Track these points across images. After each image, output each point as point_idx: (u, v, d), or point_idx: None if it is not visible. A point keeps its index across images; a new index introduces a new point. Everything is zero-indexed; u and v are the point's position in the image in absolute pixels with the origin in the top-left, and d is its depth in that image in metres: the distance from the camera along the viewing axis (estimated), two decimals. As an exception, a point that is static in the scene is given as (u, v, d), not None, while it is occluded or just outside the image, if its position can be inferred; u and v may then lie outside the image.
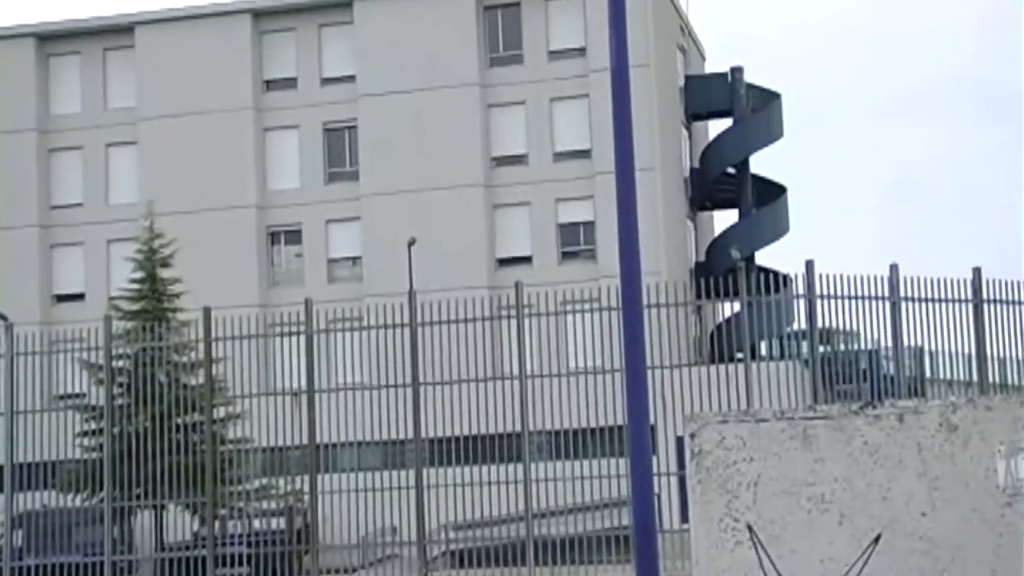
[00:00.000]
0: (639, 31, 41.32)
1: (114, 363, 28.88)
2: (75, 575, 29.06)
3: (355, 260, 46.10)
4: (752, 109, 48.12)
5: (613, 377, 23.07)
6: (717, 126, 50.82)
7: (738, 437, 8.10)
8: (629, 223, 9.73)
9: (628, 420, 9.86)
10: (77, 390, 34.66)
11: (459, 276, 42.20)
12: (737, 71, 48.52)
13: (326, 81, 47.04)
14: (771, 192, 47.97)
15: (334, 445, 28.28)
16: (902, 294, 22.37)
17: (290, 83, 47.26)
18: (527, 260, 44.90)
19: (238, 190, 46.32)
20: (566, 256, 45.30)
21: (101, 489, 27.68)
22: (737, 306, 25.25)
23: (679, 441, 12.78)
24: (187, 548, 29.00)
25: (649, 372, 10.62)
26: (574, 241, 45.48)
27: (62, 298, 47.38)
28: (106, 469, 26.86)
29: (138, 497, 27.85)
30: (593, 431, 24.65)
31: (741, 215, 48.67)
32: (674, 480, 23.86)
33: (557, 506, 25.87)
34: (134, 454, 27.42)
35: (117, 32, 48.22)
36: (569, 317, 27.63)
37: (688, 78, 49.86)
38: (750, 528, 7.97)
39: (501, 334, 40.19)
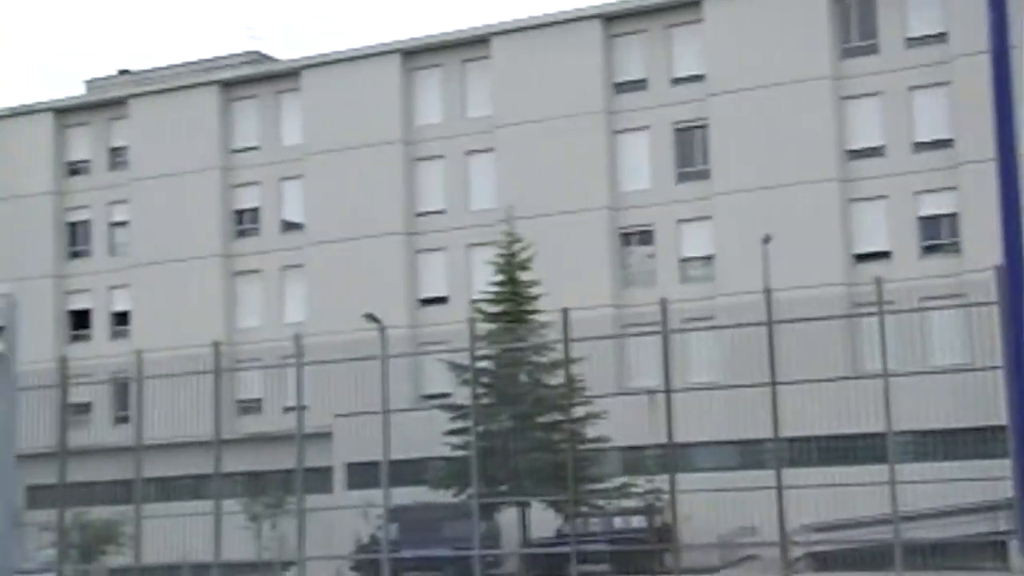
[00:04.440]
0: (1012, 9, 39.28)
1: (478, 364, 29.88)
2: (445, 568, 30.30)
3: (707, 259, 45.91)
4: None
5: (989, 375, 21.93)
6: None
7: None
8: (1011, 214, 9.26)
9: (1010, 419, 9.41)
10: (443, 390, 36.13)
11: (814, 273, 41.34)
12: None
13: (676, 81, 47.10)
14: None
15: (691, 444, 28.27)
16: None
17: (640, 85, 47.59)
18: (885, 255, 43.51)
19: (590, 192, 47.00)
20: (927, 250, 43.61)
21: (468, 486, 28.67)
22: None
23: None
24: (550, 544, 29.67)
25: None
26: (935, 235, 43.75)
27: (426, 302, 49.41)
28: (473, 466, 27.81)
29: (503, 494, 28.72)
30: (963, 431, 23.63)
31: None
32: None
33: (926, 509, 24.94)
34: (498, 452, 28.28)
35: (474, 44, 49.91)
36: (934, 314, 26.58)
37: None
38: None
39: (860, 332, 39.19)
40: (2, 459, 11.16)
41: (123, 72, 58.51)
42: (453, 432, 31.32)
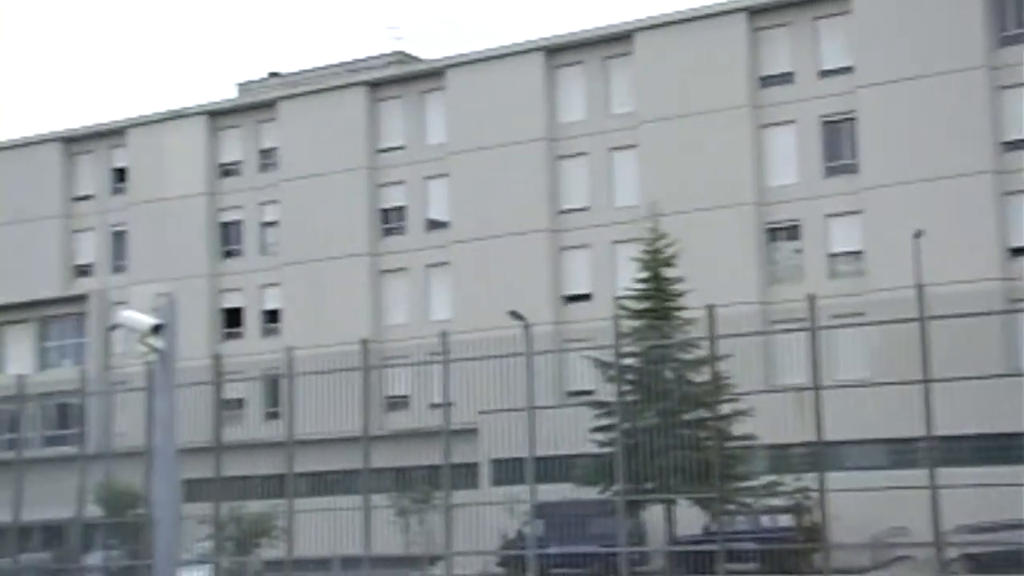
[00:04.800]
0: None
1: (623, 361, 29.82)
2: (591, 565, 30.30)
3: (857, 254, 45.09)
4: None
5: None
6: None
7: None
8: None
9: None
10: (587, 387, 36.13)
11: (967, 268, 40.30)
12: None
13: (824, 74, 46.34)
14: None
15: (840, 442, 27.85)
16: None
17: (786, 78, 46.93)
18: (1042, 249, 42.25)
19: (735, 188, 46.54)
20: (1089, 244, 42.21)
21: (614, 483, 28.63)
22: None
23: None
24: (696, 542, 29.49)
25: None
26: (1099, 228, 42.35)
27: (570, 299, 49.47)
28: (618, 464, 27.74)
29: (648, 491, 28.62)
30: None
31: None
32: None
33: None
34: (644, 449, 28.18)
35: (617, 40, 49.79)
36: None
37: None
38: None
39: (1016, 328, 38.15)
40: (165, 451, 11.52)
41: (273, 74, 59.75)
42: (598, 429, 31.30)
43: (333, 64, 57.54)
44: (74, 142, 60.02)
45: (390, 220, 53.49)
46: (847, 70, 45.65)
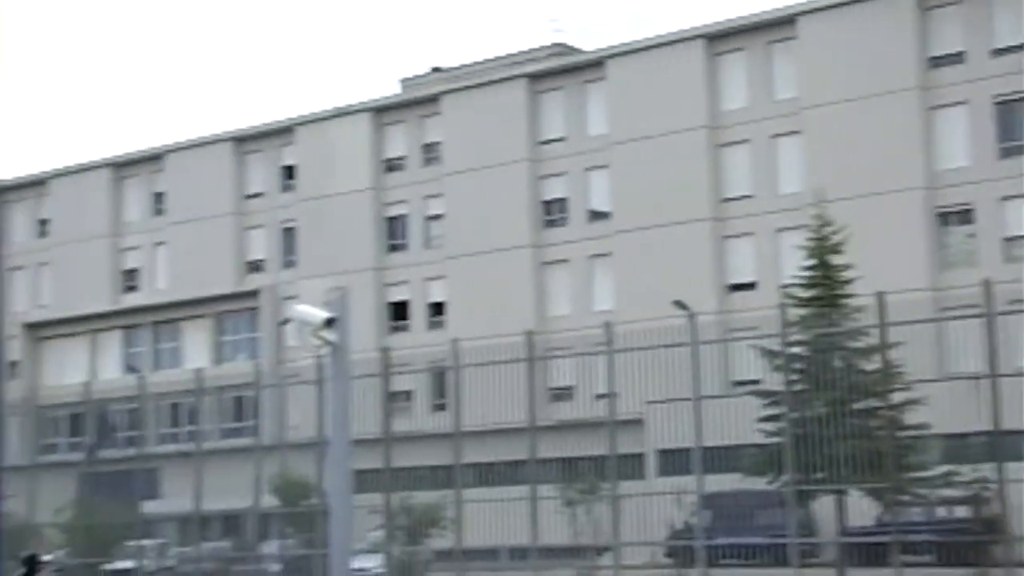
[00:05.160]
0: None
1: (790, 350, 29.40)
2: (760, 556, 29.99)
3: (1033, 238, 43.67)
4: None
5: None
6: None
7: None
8: None
9: None
10: (753, 377, 35.72)
11: None
12: None
13: (996, 52, 44.94)
14: None
15: (1019, 432, 26.99)
16: None
17: (957, 58, 45.67)
18: None
19: (904, 172, 45.48)
20: None
21: (782, 473, 28.27)
22: None
23: None
24: (869, 534, 28.94)
25: None
26: None
27: (735, 287, 48.99)
28: (787, 454, 27.39)
29: (819, 481, 28.19)
30: None
31: None
32: None
33: None
34: (813, 439, 27.76)
35: (779, 25, 49.07)
36: None
37: None
38: None
39: None
40: (339, 442, 11.78)
41: (435, 70, 60.42)
42: (766, 419, 30.92)
43: (494, 58, 57.94)
44: (245, 141, 61.60)
45: (552, 212, 53.64)
46: (1021, 48, 44.19)
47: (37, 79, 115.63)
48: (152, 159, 64.00)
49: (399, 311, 56.64)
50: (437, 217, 56.24)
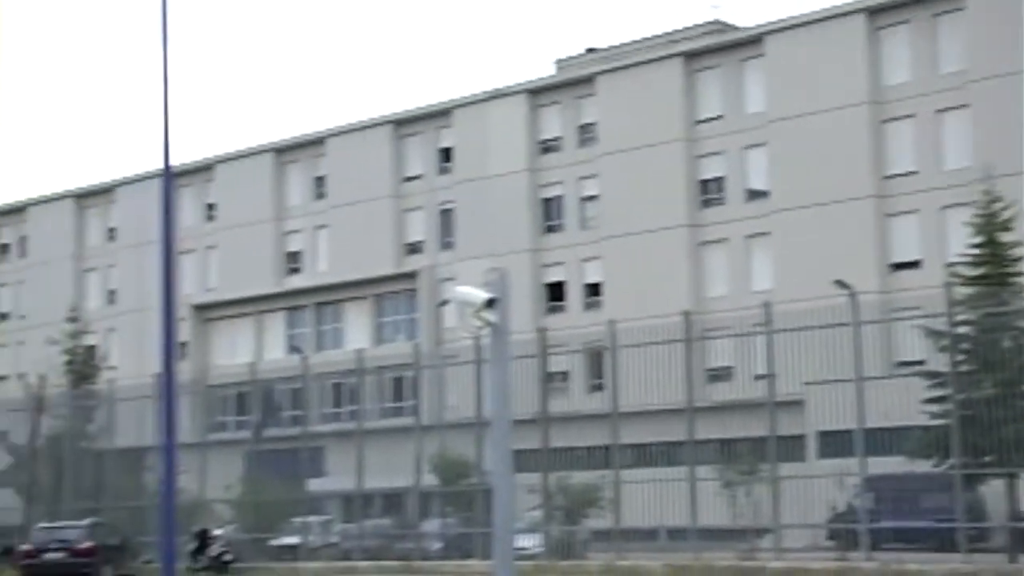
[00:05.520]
0: None
1: (956, 330, 28.66)
2: (926, 540, 29.32)
3: None
4: None
5: None
6: None
7: None
8: None
9: None
10: (917, 357, 34.92)
11: None
12: None
13: None
14: None
15: None
16: None
17: None
18: None
19: (1077, 146, 43.94)
20: None
21: (948, 456, 27.60)
22: None
23: None
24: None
25: None
26: None
27: (898, 266, 47.94)
28: (954, 436, 26.73)
29: (987, 464, 27.44)
30: None
31: None
32: None
33: None
34: (981, 421, 27.04)
35: (944, -3, 47.81)
36: None
37: None
38: None
39: None
40: (500, 422, 11.88)
41: (590, 50, 60.32)
42: (931, 400, 30.20)
43: (649, 36, 57.60)
44: (403, 124, 62.37)
45: (709, 191, 53.17)
46: None
47: (205, 68, 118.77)
48: (313, 144, 65.23)
49: (555, 292, 56.79)
50: (593, 198, 56.20)
